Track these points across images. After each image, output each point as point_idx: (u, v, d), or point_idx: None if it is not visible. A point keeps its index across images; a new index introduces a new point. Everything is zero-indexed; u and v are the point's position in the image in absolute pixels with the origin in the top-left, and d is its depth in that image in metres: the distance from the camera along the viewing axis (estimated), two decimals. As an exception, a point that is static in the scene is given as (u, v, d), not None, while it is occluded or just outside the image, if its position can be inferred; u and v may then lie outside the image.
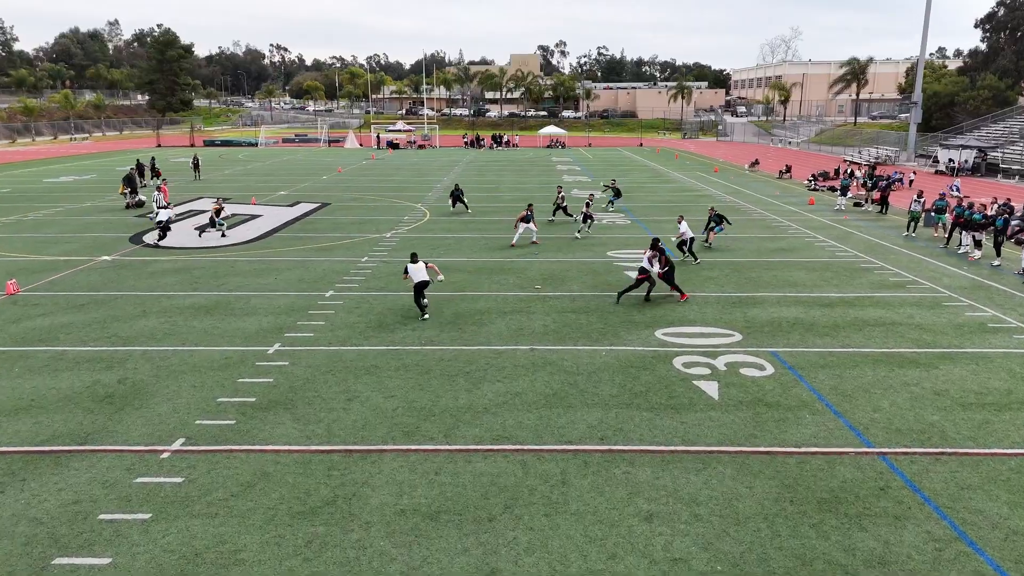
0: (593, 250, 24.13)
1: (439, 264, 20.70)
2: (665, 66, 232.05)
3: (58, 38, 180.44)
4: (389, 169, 54.27)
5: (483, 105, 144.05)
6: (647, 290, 17.96)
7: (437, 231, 27.64)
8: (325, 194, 38.49)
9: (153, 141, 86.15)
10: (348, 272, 20.80)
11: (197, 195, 37.87)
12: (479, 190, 40.21)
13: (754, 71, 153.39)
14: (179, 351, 14.13)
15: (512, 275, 20.66)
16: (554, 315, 16.66)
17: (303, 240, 25.71)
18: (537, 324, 15.92)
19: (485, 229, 28.06)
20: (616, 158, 66.09)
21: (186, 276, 20.19)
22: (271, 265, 21.65)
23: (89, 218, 30.29)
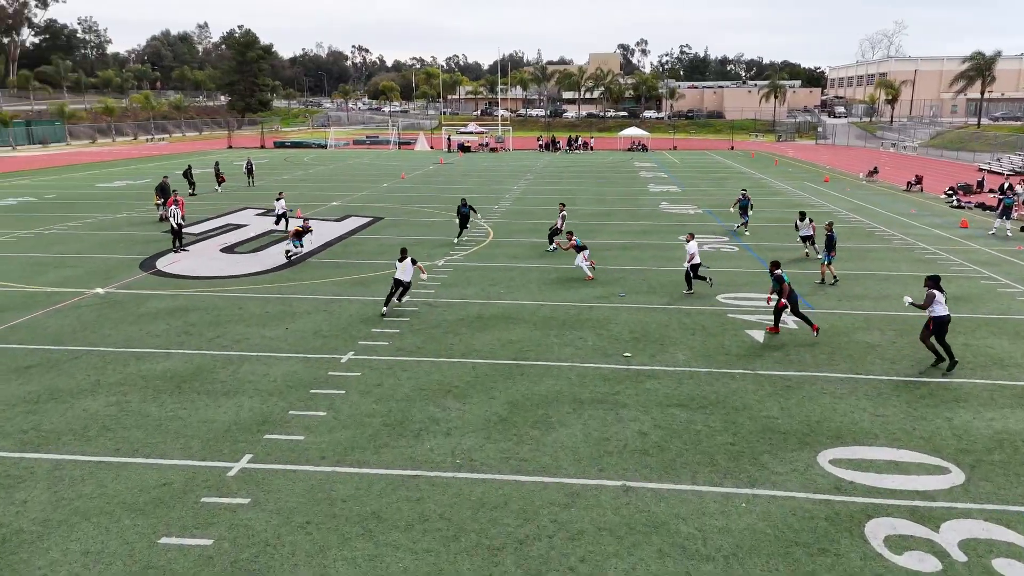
0: (695, 292, 18.72)
1: (494, 310, 15.81)
2: (751, 64, 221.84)
3: (150, 40, 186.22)
4: (456, 175, 49.93)
5: (560, 105, 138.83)
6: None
7: (499, 257, 22.78)
8: (380, 206, 34.30)
9: (226, 142, 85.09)
10: (380, 319, 16.18)
11: (243, 204, 34.35)
12: (552, 202, 35.15)
13: (853, 68, 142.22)
14: (102, 468, 9.71)
15: (590, 330, 15.56)
16: (655, 411, 11.46)
17: (339, 268, 21.34)
18: (631, 431, 10.76)
19: (557, 256, 23.04)
20: (707, 163, 59.73)
21: (178, 322, 16.01)
22: (288, 306, 17.27)
23: (113, 233, 26.94)
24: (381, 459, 9.89)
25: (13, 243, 24.97)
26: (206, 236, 26.51)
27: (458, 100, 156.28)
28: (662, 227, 28.50)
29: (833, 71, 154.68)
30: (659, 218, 30.95)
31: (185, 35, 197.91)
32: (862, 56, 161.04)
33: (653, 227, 28.55)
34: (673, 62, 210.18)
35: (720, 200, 36.49)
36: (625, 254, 23.32)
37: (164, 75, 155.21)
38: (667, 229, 28.08)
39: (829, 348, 14.45)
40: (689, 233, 19.40)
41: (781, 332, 15.37)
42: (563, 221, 24.28)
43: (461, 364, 13.48)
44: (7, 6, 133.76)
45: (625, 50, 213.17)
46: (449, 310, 17.02)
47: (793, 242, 25.13)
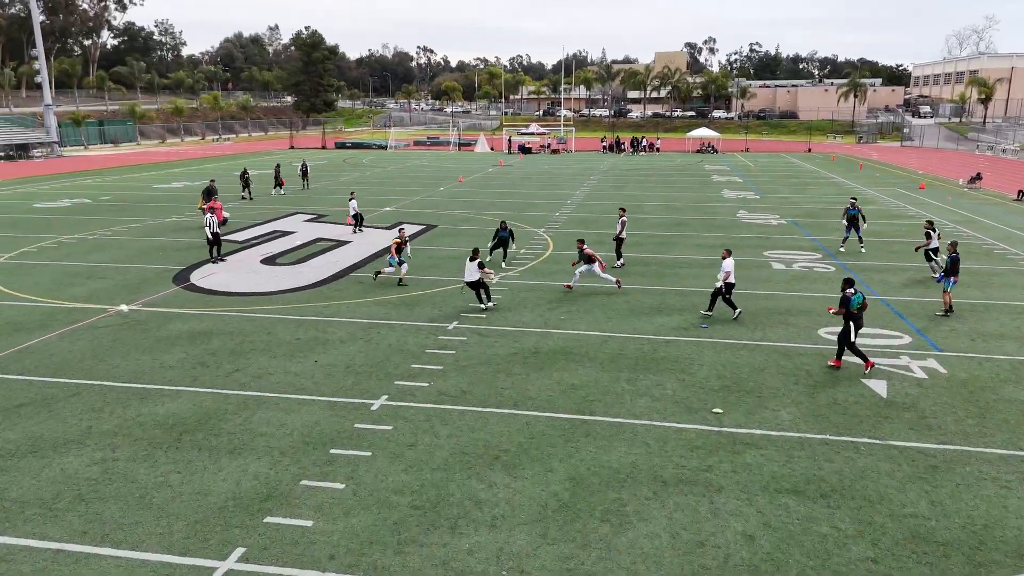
0: (792, 323, 15.91)
1: (553, 343, 13.40)
2: (825, 62, 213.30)
3: (222, 43, 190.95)
4: (516, 178, 47.69)
5: (624, 105, 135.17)
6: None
7: (559, 275, 20.35)
8: (435, 212, 32.34)
9: (287, 143, 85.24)
10: (423, 352, 14.01)
11: (293, 209, 32.94)
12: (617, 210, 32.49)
13: (940, 65, 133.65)
14: (57, 562, 7.77)
15: (669, 373, 13.00)
16: (761, 500, 8.88)
17: (383, 285, 19.33)
18: (732, 533, 8.21)
19: (626, 275, 20.48)
20: (783, 167, 55.80)
21: (198, 350, 14.21)
22: (322, 332, 15.30)
23: (156, 239, 25.74)
24: (406, 565, 7.63)
25: (53, 249, 23.95)
26: (249, 244, 25.00)
27: (520, 100, 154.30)
28: (743, 240, 25.54)
29: (917, 68, 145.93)
30: (738, 229, 27.95)
31: (256, 37, 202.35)
32: (948, 53, 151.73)
33: (733, 240, 25.61)
34: (742, 60, 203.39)
35: (805, 209, 33.12)
36: (704, 273, 20.55)
37: (234, 76, 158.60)
38: (749, 243, 25.12)
39: (974, 408, 11.52)
40: (726, 249, 16.80)
41: (906, 381, 12.49)
42: (623, 228, 21.59)
43: (513, 418, 11.15)
44: (88, 9, 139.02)
45: (692, 49, 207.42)
46: (501, 341, 14.73)
47: (903, 261, 21.93)
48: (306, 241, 25.40)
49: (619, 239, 21.46)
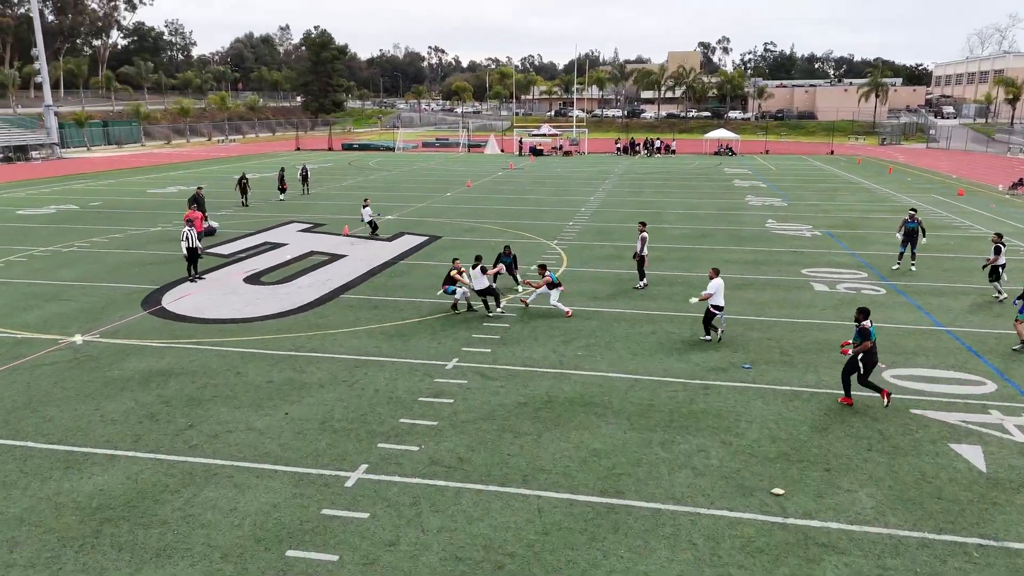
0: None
1: (570, 388, 11.08)
2: (841, 62, 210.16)
3: (233, 43, 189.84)
4: (527, 182, 45.42)
5: (638, 105, 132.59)
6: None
7: (574, 297, 18.09)
8: (440, 220, 30.13)
9: (294, 144, 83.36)
10: (415, 401, 11.81)
11: (288, 217, 30.83)
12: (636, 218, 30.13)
13: (963, 65, 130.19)
14: None
15: (711, 433, 10.72)
16: (855, 643, 6.59)
17: (377, 310, 17.15)
18: None
19: (652, 297, 18.21)
20: (807, 170, 53.22)
21: (150, 396, 12.06)
22: (299, 372, 13.12)
23: (135, 252, 23.69)
24: None
25: (21, 265, 21.94)
26: (234, 258, 22.89)
27: (532, 100, 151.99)
28: (776, 256, 23.19)
29: (938, 68, 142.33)
30: (769, 242, 25.57)
31: (267, 37, 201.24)
32: (970, 52, 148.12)
33: (765, 255, 23.28)
34: (757, 60, 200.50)
35: (840, 218, 30.65)
36: (737, 296, 18.21)
37: (244, 76, 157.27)
38: (783, 258, 22.75)
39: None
40: (713, 268, 15.36)
41: (1005, 448, 10.16)
42: (644, 245, 19.21)
43: (521, 502, 8.91)
44: (98, 9, 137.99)
45: (706, 48, 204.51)
46: (508, 385, 12.50)
47: (960, 281, 19.52)
48: (297, 255, 23.25)
49: (640, 257, 19.14)
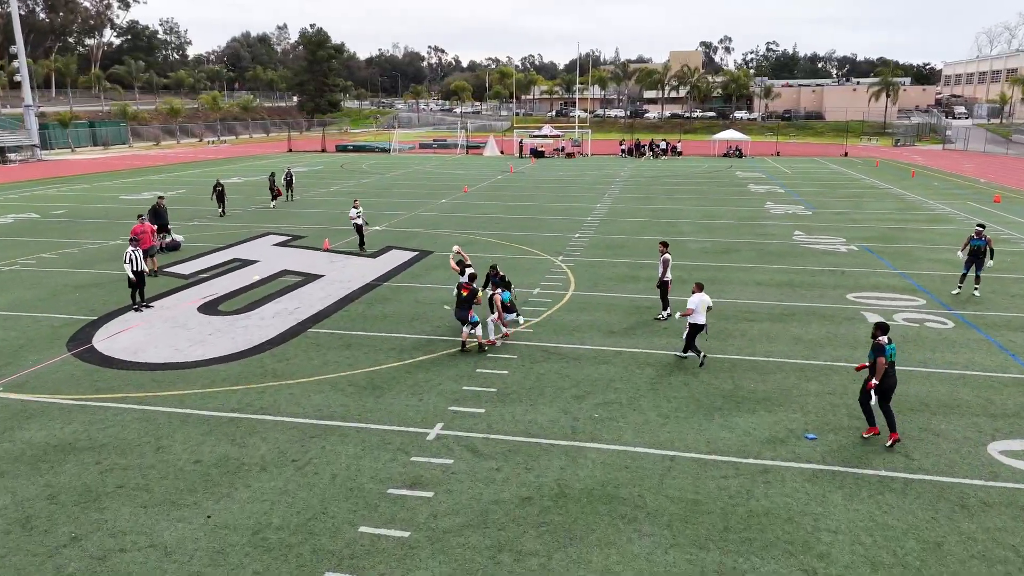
0: (941, 431, 10.66)
1: (587, 474, 8.08)
2: (844, 61, 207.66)
3: (229, 42, 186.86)
4: (528, 187, 42.48)
5: (640, 106, 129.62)
6: None
7: (585, 331, 15.20)
8: (432, 233, 27.22)
9: (286, 145, 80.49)
10: (382, 496, 8.91)
11: (264, 229, 27.91)
12: (648, 228, 27.27)
13: (974, 64, 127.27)
14: None
15: (786, 558, 7.82)
16: None
17: (351, 347, 14.26)
18: None
19: (678, 332, 15.31)
20: (824, 174, 50.28)
21: (34, 488, 9.15)
22: (240, 446, 10.21)
23: (83, 272, 20.79)
24: None
25: (-55, 288, 19.04)
26: (195, 279, 19.98)
27: (532, 100, 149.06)
28: (814, 277, 20.28)
29: (948, 67, 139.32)
30: (801, 258, 22.67)
31: (264, 36, 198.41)
32: (979, 51, 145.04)
33: (801, 275, 20.37)
34: (759, 60, 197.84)
35: (874, 230, 27.72)
36: (782, 332, 15.32)
37: (240, 76, 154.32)
38: (822, 280, 19.83)
39: None
40: (697, 283, 13.88)
41: None
42: (667, 269, 16.23)
43: None
44: (90, 7, 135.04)
45: (707, 48, 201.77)
46: (507, 467, 9.60)
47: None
48: (266, 276, 20.33)
49: (663, 283, 16.23)
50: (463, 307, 13.90)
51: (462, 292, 13.99)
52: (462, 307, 13.92)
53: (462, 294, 13.97)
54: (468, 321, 13.94)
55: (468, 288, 13.97)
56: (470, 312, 13.91)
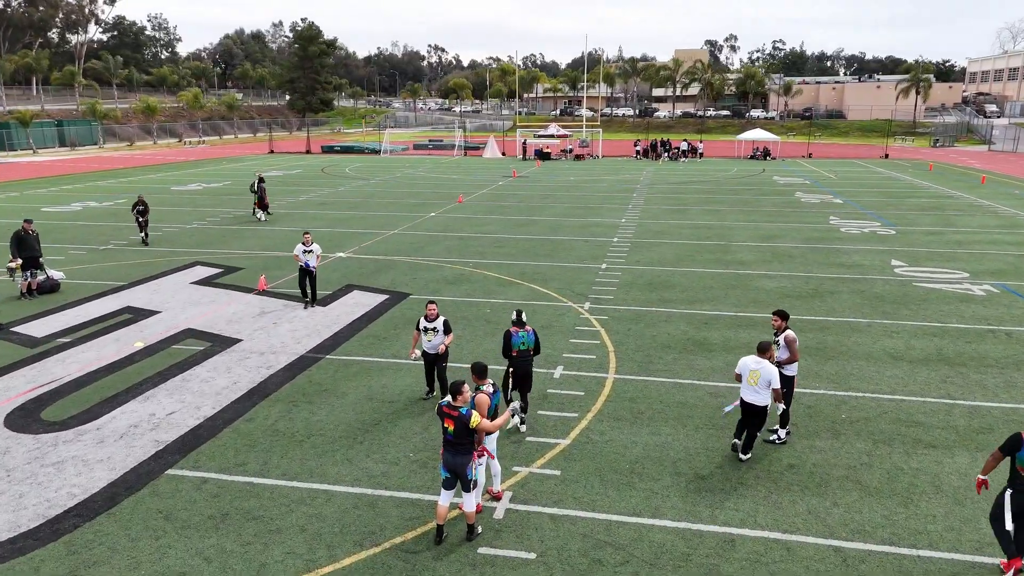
0: None
1: None
2: (852, 60, 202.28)
3: (222, 39, 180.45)
4: (534, 196, 35.74)
5: (649, 104, 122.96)
6: None
7: (650, 477, 8.60)
8: (411, 262, 20.58)
9: (267, 147, 73.93)
10: None
11: (192, 259, 21.29)
12: (700, 257, 20.65)
13: (1003, 60, 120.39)
14: None
15: None
16: None
17: (227, 519, 7.65)
18: None
19: (812, 474, 8.67)
20: (876, 179, 43.53)
21: None
22: None
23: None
24: None
25: None
26: (45, 346, 13.35)
27: (535, 99, 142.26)
28: (968, 341, 13.62)
29: (973, 64, 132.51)
30: (924, 305, 16.03)
31: (258, 33, 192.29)
32: (1000, 47, 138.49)
33: (948, 339, 13.72)
34: (766, 58, 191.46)
35: (1000, 260, 21.05)
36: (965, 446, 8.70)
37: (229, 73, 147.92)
38: (983, 349, 13.16)
39: None
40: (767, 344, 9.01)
41: None
42: (791, 359, 9.60)
43: None
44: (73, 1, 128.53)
45: (713, 46, 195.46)
46: None
47: None
48: (156, 341, 13.71)
49: (787, 381, 9.57)
50: (455, 449, 7.33)
51: (446, 425, 7.36)
52: (453, 450, 7.34)
53: (447, 428, 7.35)
54: (465, 479, 7.40)
55: (453, 417, 7.33)
56: (471, 460, 7.38)
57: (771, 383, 8.69)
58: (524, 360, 9.78)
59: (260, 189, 28.03)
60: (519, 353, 9.74)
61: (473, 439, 7.29)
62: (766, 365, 8.74)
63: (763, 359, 8.81)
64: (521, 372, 9.79)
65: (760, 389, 8.76)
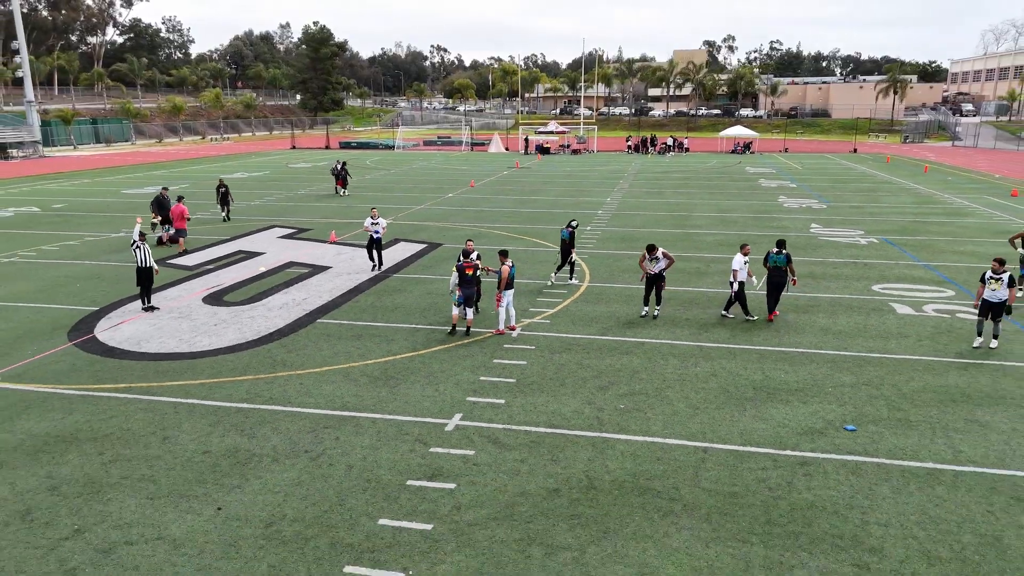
0: (986, 423, 10.16)
1: (616, 466, 7.55)
2: (848, 60, 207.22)
3: (232, 40, 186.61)
4: (535, 182, 41.95)
5: (645, 103, 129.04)
6: None
7: (604, 322, 14.72)
8: (440, 226, 26.73)
9: (289, 143, 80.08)
10: (401, 488, 8.41)
11: (270, 222, 27.46)
12: (663, 223, 26.77)
13: (981, 61, 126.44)
14: None
15: (835, 554, 7.33)
16: None
17: (362, 338, 13.76)
18: None
19: (700, 321, 14.80)
20: (836, 169, 49.70)
21: (35, 479, 8.67)
22: (250, 437, 9.72)
23: (84, 264, 20.32)
24: None
25: (-56, 279, 18.58)
26: (199, 271, 19.50)
27: (536, 99, 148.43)
28: (836, 268, 19.75)
29: (955, 65, 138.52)
30: (821, 251, 22.14)
31: (267, 35, 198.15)
32: (984, 48, 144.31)
33: (822, 267, 19.84)
34: (763, 59, 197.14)
35: (893, 223, 27.16)
36: (808, 323, 14.82)
37: (242, 74, 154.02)
38: (845, 271, 19.30)
39: None
40: (743, 244, 15.53)
41: None
42: (660, 263, 15.27)
43: None
44: (93, 5, 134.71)
45: (711, 47, 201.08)
46: (531, 459, 9.11)
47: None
48: (272, 267, 19.85)
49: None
50: (468, 286, 13.81)
51: (466, 271, 13.65)
52: (468, 286, 13.80)
53: (466, 273, 13.65)
54: (472, 303, 14.07)
55: (471, 267, 13.76)
56: (475, 291, 14.16)
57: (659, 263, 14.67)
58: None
59: (343, 171, 35.82)
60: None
61: (477, 280, 13.73)
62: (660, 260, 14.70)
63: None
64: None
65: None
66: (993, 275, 12.50)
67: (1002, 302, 12.49)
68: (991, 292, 12.52)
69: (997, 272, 12.52)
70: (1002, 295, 12.47)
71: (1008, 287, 12.50)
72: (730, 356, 12.86)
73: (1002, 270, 12.56)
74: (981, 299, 12.74)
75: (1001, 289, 12.44)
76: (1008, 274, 12.56)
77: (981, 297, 12.73)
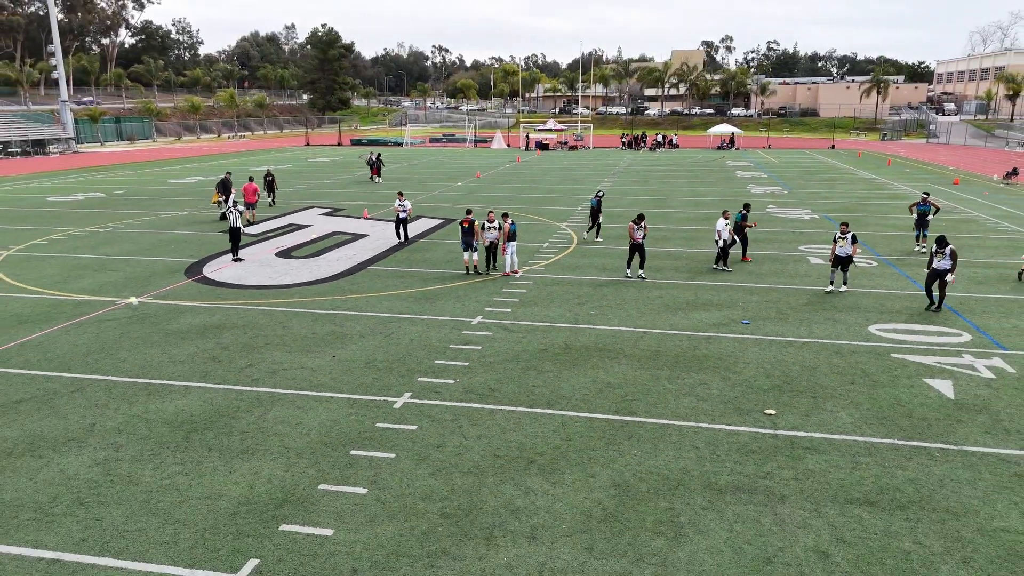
0: (839, 319, 14.95)
1: (586, 339, 12.51)
2: (844, 60, 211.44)
3: (239, 41, 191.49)
4: (535, 173, 46.81)
5: (641, 102, 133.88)
6: None
7: (586, 269, 19.51)
8: (454, 206, 31.53)
9: (303, 140, 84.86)
10: (447, 347, 13.18)
11: (307, 203, 32.25)
12: (643, 205, 31.57)
13: (965, 62, 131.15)
14: (51, 574, 7.03)
15: (713, 371, 12.09)
16: (830, 511, 7.96)
17: (404, 278, 18.55)
18: (802, 548, 7.30)
19: (657, 268, 19.57)
20: (808, 163, 54.53)
21: (209, 343, 13.46)
22: (339, 326, 14.52)
23: (168, 232, 25.11)
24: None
25: (63, 242, 23.38)
26: (263, 237, 24.31)
27: (536, 98, 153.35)
28: (776, 235, 24.54)
29: (941, 65, 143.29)
30: (770, 223, 26.91)
31: (273, 36, 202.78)
32: (972, 50, 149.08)
33: (766, 235, 24.62)
34: (760, 59, 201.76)
35: (838, 204, 31.97)
36: (740, 268, 19.60)
37: (251, 74, 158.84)
38: (781, 237, 24.11)
39: (1052, 412, 10.51)
40: (724, 211, 19.89)
41: (972, 381, 11.50)
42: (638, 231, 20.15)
43: (547, 418, 10.30)
44: (106, 7, 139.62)
45: (709, 47, 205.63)
46: (529, 336, 13.88)
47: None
48: (321, 235, 24.67)
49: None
50: (470, 236, 18.51)
51: (463, 224, 18.48)
52: (470, 236, 18.51)
53: (463, 226, 18.51)
54: (472, 248, 18.66)
55: (468, 221, 18.48)
56: (473, 240, 18.73)
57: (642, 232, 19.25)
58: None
59: (379, 161, 41.79)
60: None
61: (472, 234, 18.37)
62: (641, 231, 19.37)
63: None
64: None
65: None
66: (840, 235, 17.04)
67: (848, 256, 17.05)
68: (840, 249, 17.04)
69: (843, 233, 17.00)
70: (847, 251, 17.00)
71: (852, 244, 16.97)
72: (675, 287, 17.66)
73: (847, 231, 17.04)
74: (833, 255, 17.21)
75: (847, 246, 16.96)
76: (852, 234, 17.02)
77: (834, 253, 17.12)
